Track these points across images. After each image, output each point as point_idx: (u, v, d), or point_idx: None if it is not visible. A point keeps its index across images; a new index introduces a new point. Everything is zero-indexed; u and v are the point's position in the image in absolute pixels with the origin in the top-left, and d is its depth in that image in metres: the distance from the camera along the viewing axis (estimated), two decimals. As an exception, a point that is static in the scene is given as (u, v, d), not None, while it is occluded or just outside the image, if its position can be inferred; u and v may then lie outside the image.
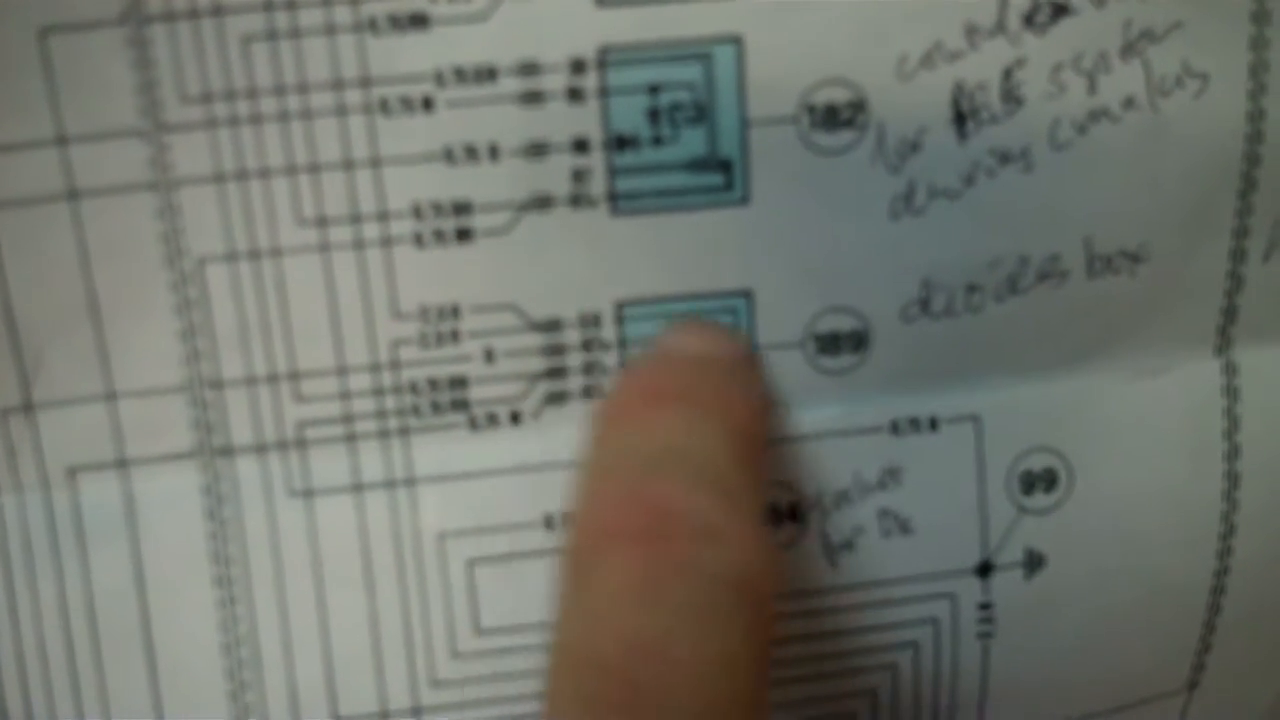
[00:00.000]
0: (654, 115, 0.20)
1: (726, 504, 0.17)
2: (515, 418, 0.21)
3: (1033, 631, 0.23)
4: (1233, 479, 0.23)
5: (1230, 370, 0.23)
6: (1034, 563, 0.23)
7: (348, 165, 0.20)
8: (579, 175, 0.20)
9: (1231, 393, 0.23)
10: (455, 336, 0.21)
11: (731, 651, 0.16)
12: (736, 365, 0.21)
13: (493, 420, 0.21)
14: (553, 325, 0.21)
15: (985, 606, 0.23)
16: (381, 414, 0.21)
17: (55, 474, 0.21)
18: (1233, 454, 0.23)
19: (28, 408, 0.21)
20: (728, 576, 0.16)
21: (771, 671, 0.22)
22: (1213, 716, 0.25)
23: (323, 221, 0.20)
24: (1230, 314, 0.22)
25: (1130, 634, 0.24)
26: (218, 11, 0.19)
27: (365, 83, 0.20)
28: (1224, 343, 0.23)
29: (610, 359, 0.21)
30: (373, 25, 0.20)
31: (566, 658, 0.16)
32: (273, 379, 0.21)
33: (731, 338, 0.21)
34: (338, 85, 0.20)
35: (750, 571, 0.17)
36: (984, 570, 0.23)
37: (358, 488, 0.21)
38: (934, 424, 0.22)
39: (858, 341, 0.22)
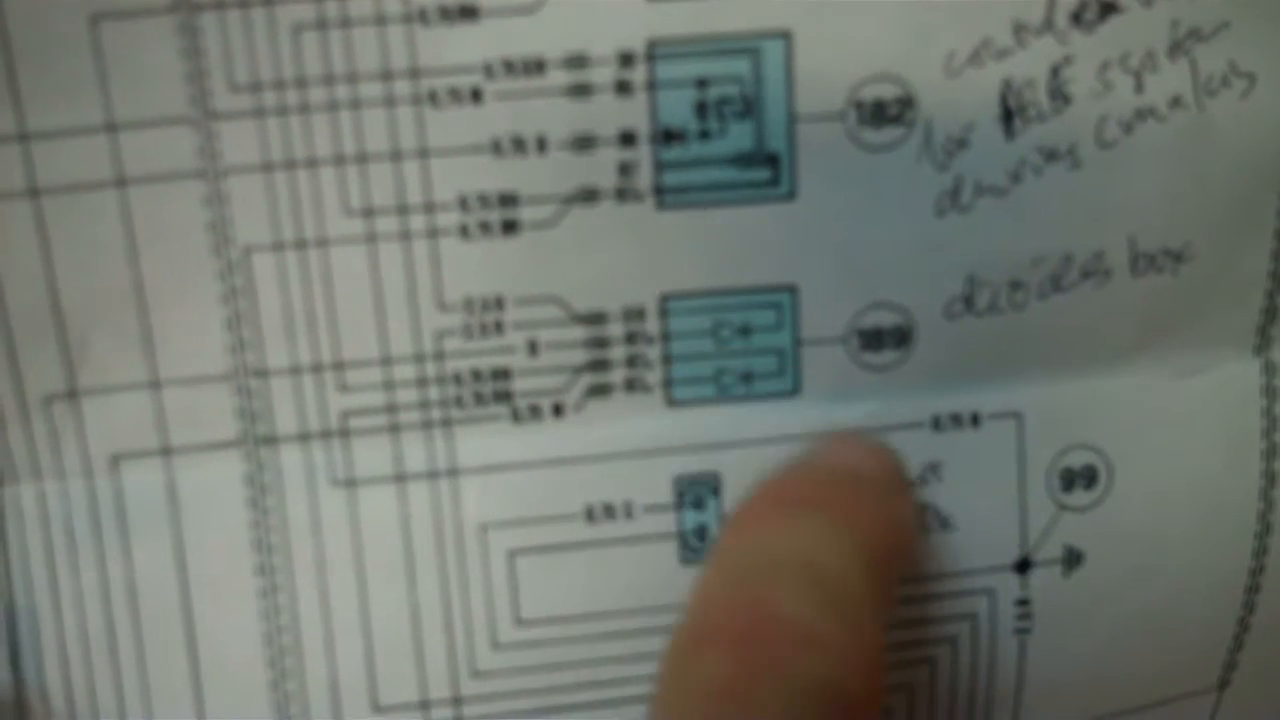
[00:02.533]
0: (702, 109, 0.20)
1: (834, 615, 0.17)
2: (558, 410, 0.21)
3: (1069, 628, 0.23)
4: (1270, 478, 0.23)
5: (1270, 370, 0.23)
6: (1072, 560, 0.23)
7: (395, 156, 0.20)
8: (625, 168, 0.20)
9: (1270, 392, 0.23)
10: (499, 328, 0.21)
11: None
12: (883, 484, 0.21)
13: (535, 412, 0.21)
14: (596, 318, 0.21)
15: (1023, 603, 0.23)
16: (425, 405, 0.21)
17: (99, 461, 0.21)
18: (1271, 453, 0.23)
19: (72, 394, 0.21)
20: (823, 686, 0.16)
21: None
22: (1243, 716, 0.25)
23: (369, 212, 0.20)
24: (1271, 314, 0.22)
25: (1165, 632, 0.24)
26: (268, 0, 0.19)
27: (414, 74, 0.20)
28: (1264, 342, 0.23)
29: (653, 352, 0.21)
30: (422, 16, 0.20)
31: None
32: (317, 368, 0.21)
33: (883, 456, 0.21)
34: (386, 76, 0.20)
35: (848, 684, 0.16)
36: (1023, 567, 0.23)
37: (400, 478, 0.21)
38: (975, 420, 0.22)
39: (901, 337, 0.22)
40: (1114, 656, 0.24)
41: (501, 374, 0.21)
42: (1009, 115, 0.21)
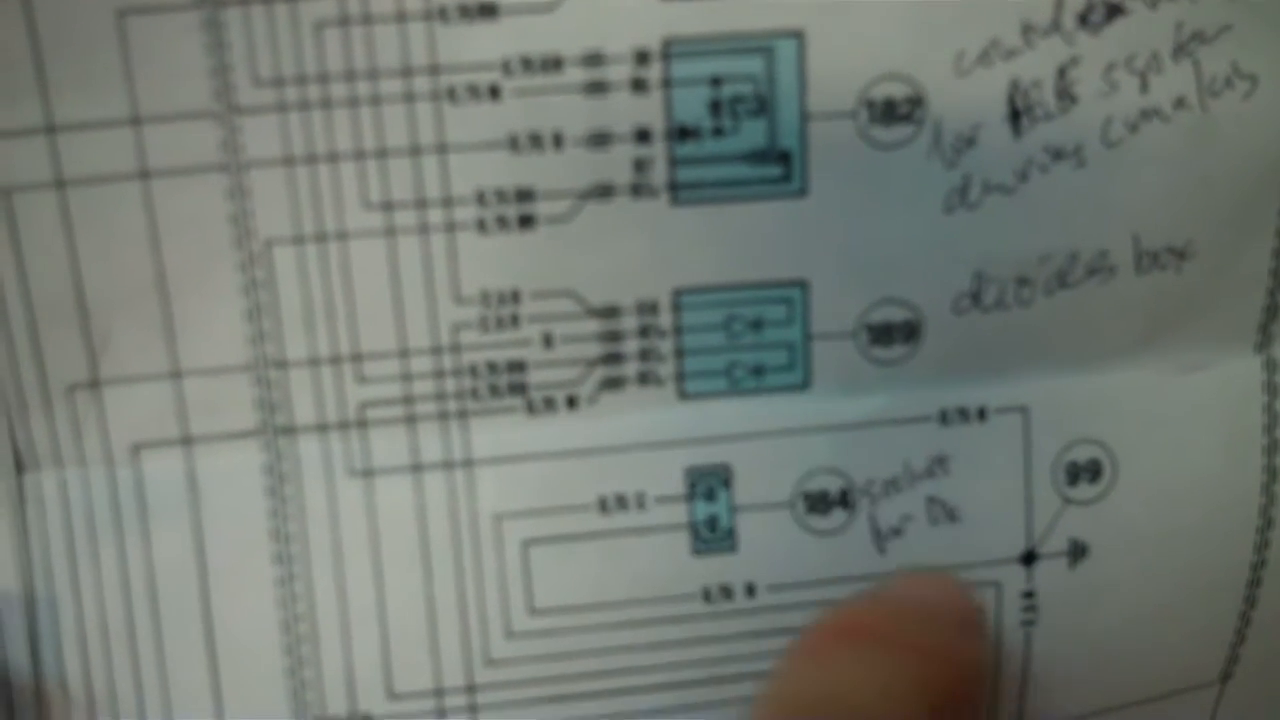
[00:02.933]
0: (716, 107, 0.21)
1: None
2: (572, 402, 0.22)
3: (1074, 621, 0.24)
4: (1271, 473, 0.23)
5: (1271, 367, 0.23)
6: (1078, 553, 0.23)
7: (414, 151, 0.20)
8: (641, 165, 0.21)
9: (1272, 389, 0.23)
10: (515, 321, 0.21)
11: None
12: (955, 623, 0.20)
13: (550, 404, 0.22)
14: (611, 312, 0.21)
15: (1029, 595, 0.23)
16: (441, 396, 0.21)
17: (120, 450, 0.21)
18: (1272, 449, 0.23)
19: (94, 384, 0.21)
20: None
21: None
22: (1245, 709, 0.25)
23: (388, 206, 0.21)
24: (1272, 311, 0.23)
25: (1168, 625, 0.24)
26: (292, -4, 0.20)
27: (434, 70, 0.20)
28: (1265, 339, 0.23)
29: (666, 346, 0.22)
30: (442, 14, 0.20)
31: None
32: (335, 360, 0.21)
33: (959, 594, 0.21)
34: (407, 72, 0.20)
35: None
36: (1028, 559, 0.23)
37: (417, 468, 0.22)
38: (982, 414, 0.22)
39: (909, 332, 0.22)
40: (1119, 649, 0.24)
41: (517, 366, 0.22)
42: (1016, 115, 0.21)
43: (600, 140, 0.21)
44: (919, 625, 0.20)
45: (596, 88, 0.20)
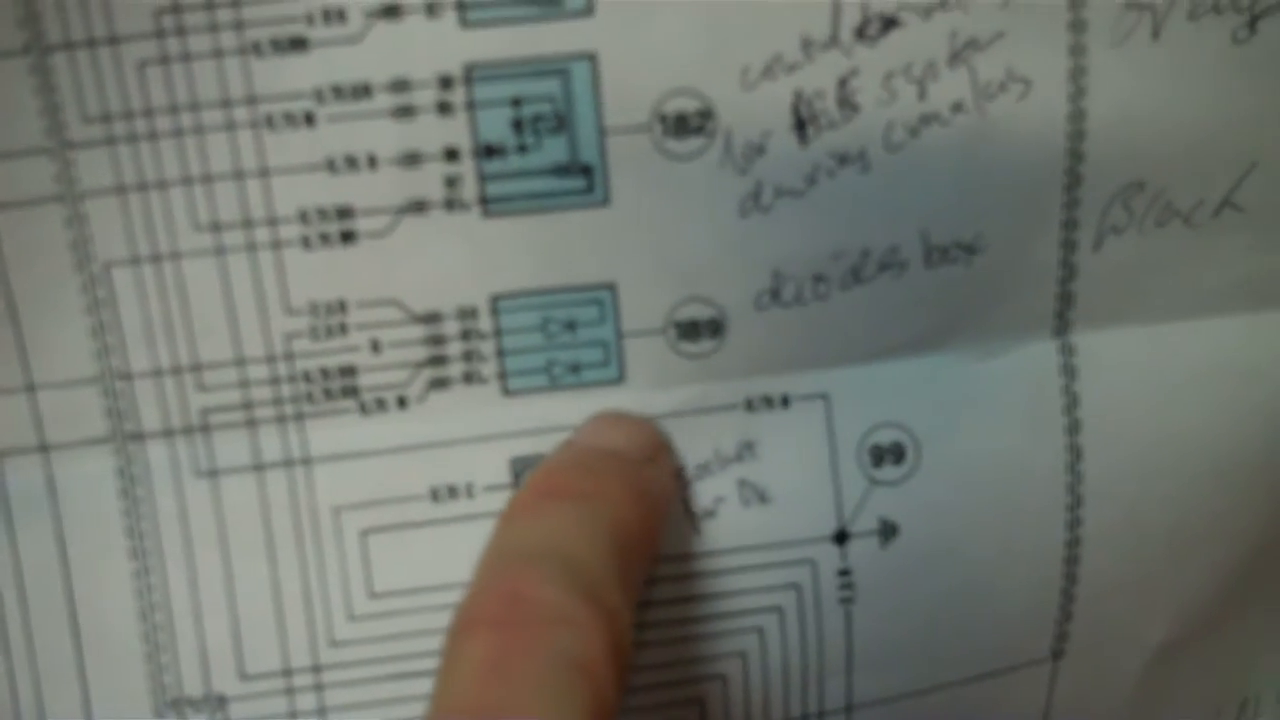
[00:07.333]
0: (518, 125, 0.22)
1: (581, 595, 0.19)
2: (402, 402, 0.23)
3: (893, 598, 0.25)
4: (1075, 452, 0.25)
5: (1068, 351, 0.24)
6: (888, 531, 0.25)
7: (238, 175, 0.22)
8: (452, 181, 0.22)
9: (1069, 371, 0.24)
10: (344, 329, 0.23)
11: None
12: (633, 459, 0.23)
13: (381, 405, 0.23)
14: (433, 318, 0.23)
15: (844, 573, 0.25)
16: (278, 401, 0.23)
17: None
18: (1074, 428, 0.25)
19: (-44, 399, 0.23)
20: (571, 658, 0.18)
21: (642, 635, 0.24)
22: (1081, 686, 0.27)
23: (217, 227, 0.22)
24: (1066, 300, 0.24)
25: (987, 601, 0.25)
26: (113, 40, 0.21)
27: (251, 100, 0.22)
28: (1062, 326, 0.24)
29: (487, 348, 0.23)
30: (256, 49, 0.22)
31: None
32: (177, 370, 0.23)
33: (635, 431, 0.23)
34: (226, 103, 0.22)
35: (593, 654, 0.18)
36: (840, 538, 0.24)
37: (259, 467, 0.23)
38: (786, 401, 0.24)
39: (715, 328, 0.23)
40: (941, 625, 0.25)
41: (348, 371, 0.23)
42: (802, 124, 0.22)
43: (412, 160, 0.22)
44: (600, 473, 0.22)
45: (405, 111, 0.22)
